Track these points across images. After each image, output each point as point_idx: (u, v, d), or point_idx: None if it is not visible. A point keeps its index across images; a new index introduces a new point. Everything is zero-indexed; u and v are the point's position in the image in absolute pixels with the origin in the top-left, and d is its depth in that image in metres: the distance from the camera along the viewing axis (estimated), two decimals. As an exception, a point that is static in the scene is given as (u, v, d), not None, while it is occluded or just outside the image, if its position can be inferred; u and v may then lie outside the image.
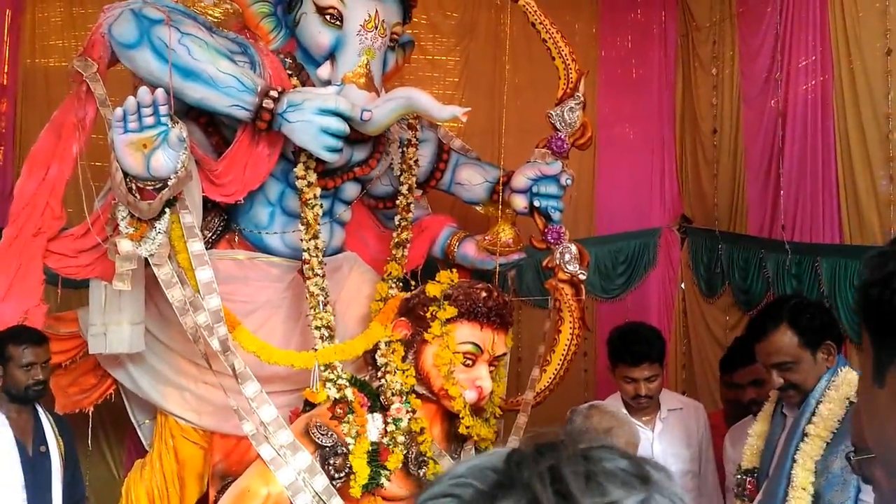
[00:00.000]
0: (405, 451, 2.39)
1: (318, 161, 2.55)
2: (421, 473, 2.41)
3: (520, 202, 2.85)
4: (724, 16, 3.63)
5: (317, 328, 2.49)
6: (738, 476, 2.27)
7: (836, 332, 2.17)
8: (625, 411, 2.61)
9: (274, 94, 2.41)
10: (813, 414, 2.05)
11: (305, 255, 2.55)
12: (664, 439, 2.64)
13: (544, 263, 2.86)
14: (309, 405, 2.46)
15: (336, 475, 2.28)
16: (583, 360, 3.03)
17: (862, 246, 2.67)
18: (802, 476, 2.00)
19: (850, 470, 1.92)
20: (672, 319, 3.91)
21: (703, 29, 3.81)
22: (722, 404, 2.96)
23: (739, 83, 3.52)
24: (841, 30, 2.81)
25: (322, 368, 2.43)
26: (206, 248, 2.44)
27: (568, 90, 2.81)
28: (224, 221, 2.76)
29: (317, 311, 2.49)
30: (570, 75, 2.80)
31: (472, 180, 3.16)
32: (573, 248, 2.78)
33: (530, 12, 2.81)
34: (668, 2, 4.02)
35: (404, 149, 2.97)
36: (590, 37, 3.99)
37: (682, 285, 3.95)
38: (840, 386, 2.05)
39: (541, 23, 2.81)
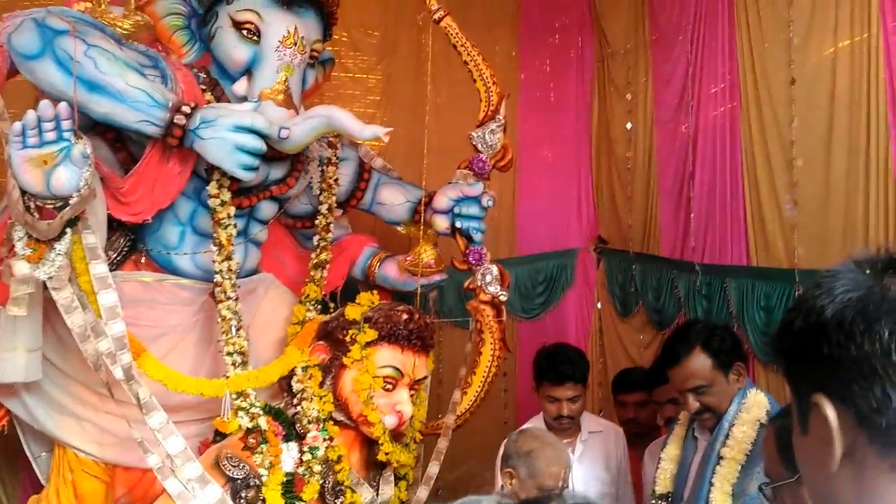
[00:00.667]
0: (322, 481, 2.32)
1: (233, 179, 2.46)
2: (338, 503, 2.34)
3: (441, 223, 2.84)
4: (639, 43, 3.75)
5: (229, 354, 2.38)
6: (654, 502, 2.31)
7: (744, 354, 2.25)
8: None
9: (186, 109, 2.31)
10: (727, 437, 2.11)
11: (218, 277, 2.45)
12: (584, 461, 2.67)
13: (465, 285, 2.85)
14: (220, 435, 2.35)
15: None
16: (503, 380, 3.03)
17: (768, 268, 2.78)
18: (720, 499, 2.05)
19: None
20: (589, 338, 3.99)
21: (619, 55, 3.92)
22: (620, 425, 3.03)
23: (653, 108, 3.64)
24: (748, 59, 2.94)
25: (234, 396, 2.33)
26: (111, 270, 2.31)
27: (489, 112, 2.82)
28: (130, 241, 2.62)
29: (229, 336, 2.39)
30: (492, 97, 2.82)
31: (394, 200, 3.12)
32: (494, 269, 2.78)
33: (451, 34, 2.81)
34: (585, 27, 4.12)
35: (324, 167, 2.90)
36: (511, 59, 4.04)
37: (599, 305, 4.03)
38: (750, 408, 2.12)
39: (462, 44, 2.82)
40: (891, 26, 2.30)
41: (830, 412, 0.72)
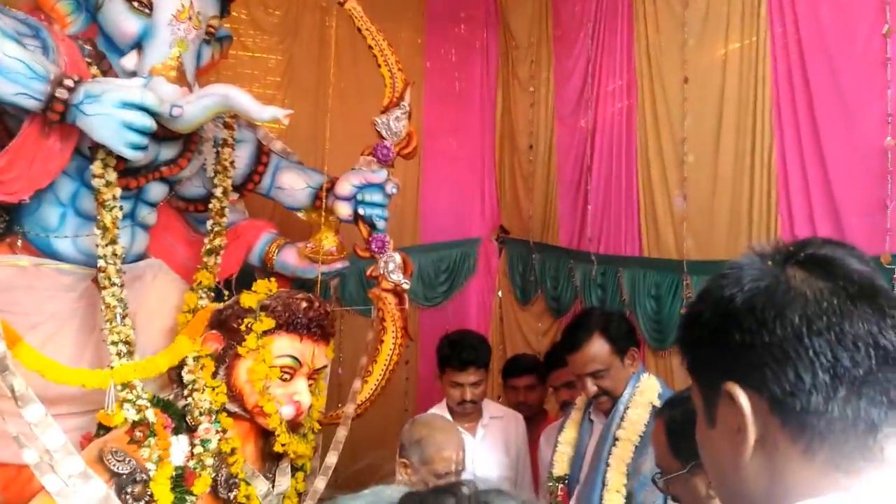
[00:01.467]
0: (214, 474, 2.24)
1: (119, 158, 2.32)
2: (231, 496, 2.27)
3: (344, 210, 2.79)
4: (542, 38, 3.82)
5: (113, 343, 2.25)
6: (550, 484, 2.37)
7: (637, 340, 2.34)
8: (450, 419, 2.64)
9: (69, 83, 2.15)
10: (622, 419, 2.19)
11: (101, 263, 2.30)
12: (485, 445, 2.70)
13: (368, 272, 2.81)
14: (103, 429, 2.22)
15: None
16: (404, 368, 3.03)
17: (658, 259, 2.90)
18: (615, 478, 2.12)
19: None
20: (490, 325, 4.04)
21: (522, 48, 3.98)
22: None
23: (554, 102, 3.71)
24: (645, 58, 3.04)
25: (119, 388, 2.20)
26: (-19, 254, 2.13)
27: (394, 99, 2.79)
28: (5, 223, 2.43)
29: (113, 324, 2.26)
30: (396, 84, 2.78)
31: (294, 185, 3.03)
32: (397, 257, 2.76)
33: (356, 17, 2.76)
34: (491, 19, 4.15)
35: (219, 149, 2.78)
36: (416, 47, 4.02)
37: (500, 293, 4.09)
38: (644, 391, 2.22)
39: (367, 29, 2.77)
40: (778, 31, 2.42)
41: (743, 399, 0.73)
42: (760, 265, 0.76)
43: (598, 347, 2.23)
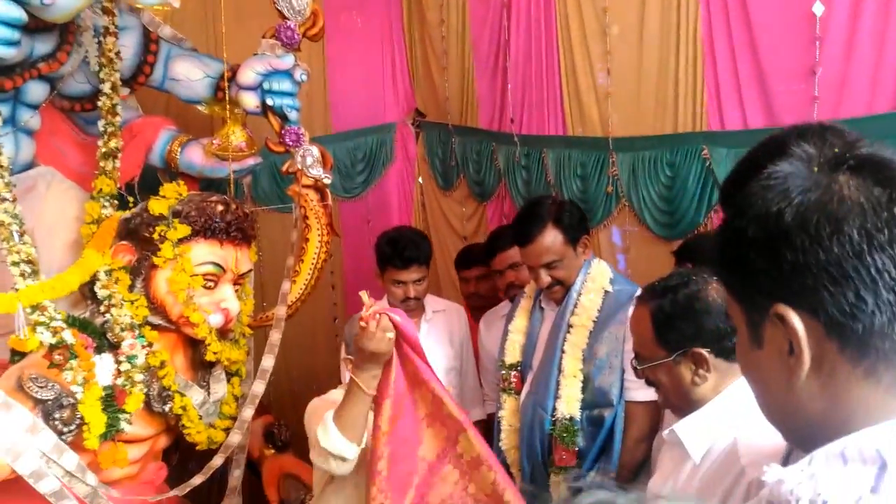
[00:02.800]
0: (146, 389, 2.15)
1: (-13, 57, 2.04)
2: (167, 409, 2.20)
3: (250, 101, 2.59)
4: None
5: (14, 264, 2.05)
6: (504, 371, 2.39)
7: (587, 227, 2.33)
8: None
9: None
10: (575, 306, 2.21)
11: (-15, 177, 2.06)
12: (430, 339, 2.70)
13: (284, 168, 2.65)
14: (17, 355, 2.07)
15: (65, 429, 1.97)
16: (329, 263, 2.92)
17: (583, 137, 2.86)
18: (572, 364, 2.16)
19: (615, 355, 2.12)
20: (412, 214, 3.97)
21: None
22: (463, 300, 3.10)
23: (465, -29, 3.49)
24: (563, -81, 2.86)
25: (29, 311, 2.03)
26: None
27: (295, -28, 2.54)
28: None
29: (11, 243, 2.05)
30: (296, -44, 2.52)
31: (191, 75, 2.78)
32: (315, 150, 2.61)
33: None
34: None
35: (101, 38, 2.49)
36: None
37: (420, 179, 4.00)
38: (595, 277, 2.24)
39: None
40: None
41: (797, 322, 0.67)
42: (806, 173, 0.69)
43: (551, 239, 2.19)
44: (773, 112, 2.21)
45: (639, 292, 2.19)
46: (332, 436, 1.84)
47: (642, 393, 2.03)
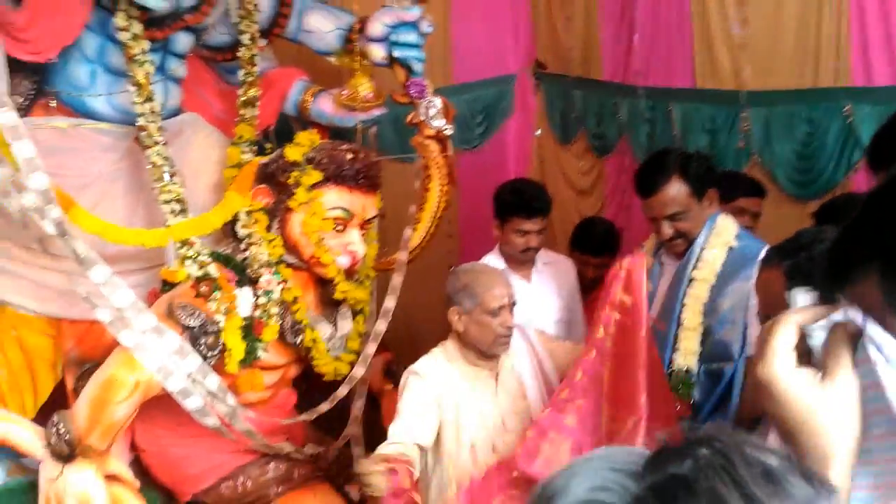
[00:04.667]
0: (280, 322, 2.31)
1: (141, 8, 2.20)
2: (298, 341, 2.36)
3: (378, 52, 2.65)
4: None
5: (166, 202, 2.24)
6: None
7: (717, 180, 2.26)
8: (504, 265, 2.69)
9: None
10: (698, 259, 2.18)
11: (141, 121, 2.24)
12: (539, 290, 2.75)
13: (409, 119, 2.72)
14: (168, 285, 2.27)
15: (209, 354, 2.16)
16: (447, 212, 2.99)
17: (714, 90, 2.76)
18: (692, 318, 2.15)
19: (739, 309, 2.08)
20: (529, 167, 3.97)
21: None
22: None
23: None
24: None
25: (178, 245, 2.23)
26: (20, 117, 2.07)
27: (418, -76, 2.56)
28: (36, 84, 2.34)
29: (163, 183, 2.24)
30: None
31: (322, 27, 2.86)
32: (438, 101, 2.65)
33: None
34: None
35: (240, -9, 2.61)
36: None
37: (538, 132, 3.97)
38: (720, 232, 2.19)
39: None
40: None
41: None
42: None
43: (675, 190, 2.15)
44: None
45: (766, 249, 2.14)
46: None
47: None
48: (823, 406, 0.68)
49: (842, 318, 0.70)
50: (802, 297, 0.77)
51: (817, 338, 0.72)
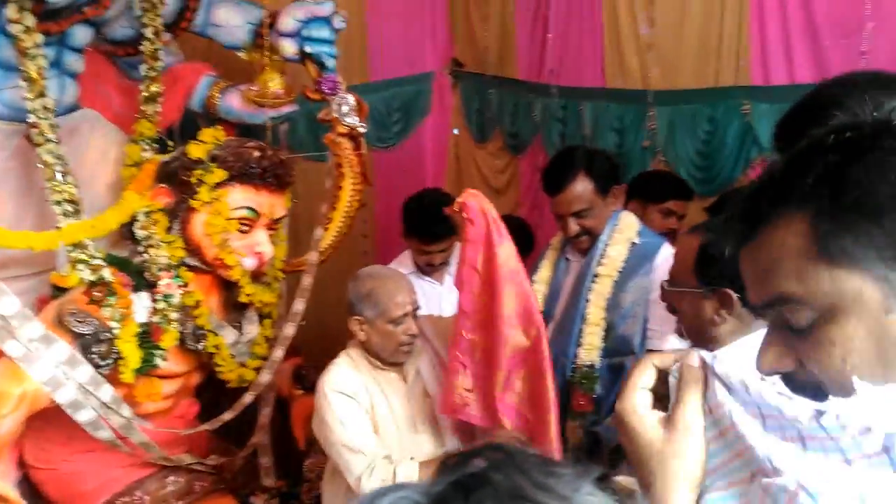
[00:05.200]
0: (180, 328, 2.22)
1: (36, 0, 2.07)
2: (200, 347, 2.27)
3: (289, 48, 2.59)
4: None
5: (57, 203, 2.12)
6: None
7: (619, 177, 2.31)
8: (413, 269, 2.66)
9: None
10: (602, 256, 2.21)
11: (32, 117, 2.11)
12: (453, 290, 2.72)
13: (320, 116, 2.66)
14: (58, 290, 2.15)
15: (102, 363, 2.06)
16: (362, 211, 2.94)
17: (622, 90, 2.81)
18: (595, 313, 2.18)
19: (639, 304, 2.14)
20: (446, 166, 3.96)
21: None
22: None
23: (507, -82, 3.40)
24: None
25: (70, 248, 2.11)
26: None
27: (330, -83, 2.51)
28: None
29: (54, 183, 2.11)
30: None
31: (231, 21, 2.78)
32: (351, 98, 2.61)
33: None
34: None
35: (144, -17, 2.50)
36: None
37: (455, 131, 3.97)
38: (623, 229, 2.23)
39: None
40: None
41: None
42: None
43: (581, 187, 2.19)
44: (823, 67, 2.14)
45: (665, 246, 2.19)
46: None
47: (663, 342, 2.06)
48: (661, 451, 0.71)
49: (696, 362, 0.72)
50: (673, 342, 0.79)
51: (672, 381, 0.74)
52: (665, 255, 2.14)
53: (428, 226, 2.61)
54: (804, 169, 0.64)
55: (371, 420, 2.08)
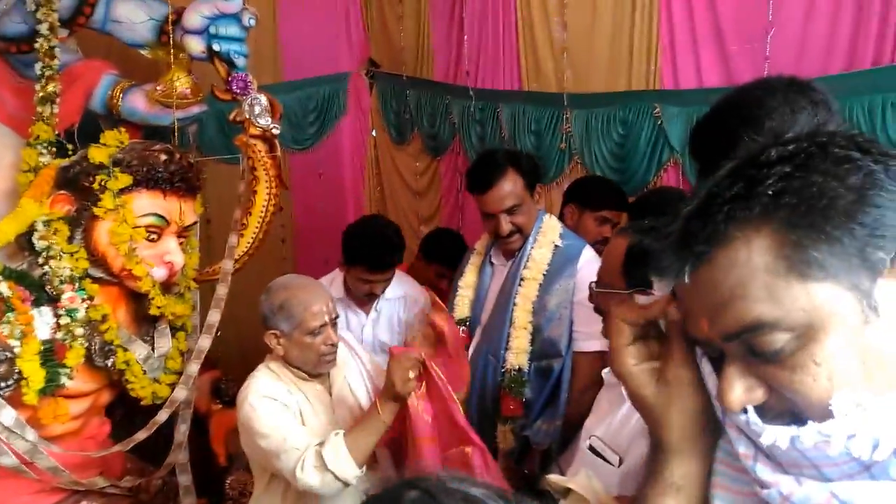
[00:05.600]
0: (86, 344, 2.09)
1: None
2: (109, 364, 2.15)
3: (196, 45, 2.49)
4: None
5: (-56, 213, 1.96)
6: None
7: (541, 177, 2.34)
8: (343, 294, 2.60)
9: None
10: (527, 259, 2.22)
11: (-89, 121, 1.95)
12: (376, 326, 2.68)
13: (231, 117, 2.57)
14: (-52, 309, 1.99)
15: (2, 384, 1.91)
16: (280, 215, 2.85)
17: (538, 93, 2.84)
18: (522, 317, 2.19)
19: (564, 306, 2.16)
20: (364, 168, 3.91)
21: None
22: None
23: (421, -83, 3.38)
24: None
25: (-40, 262, 1.95)
26: None
27: None
28: None
29: (-61, 191, 1.95)
30: None
31: (133, 17, 2.66)
32: (263, 99, 2.53)
33: None
34: None
35: (37, -25, 2.36)
36: None
37: (374, 132, 3.92)
38: (546, 231, 2.26)
39: None
40: None
41: None
42: None
43: (512, 182, 2.20)
44: (730, 71, 2.22)
45: (587, 248, 2.22)
46: (343, 460, 1.83)
47: (588, 343, 2.09)
48: (657, 405, 0.74)
49: (675, 315, 0.71)
50: (642, 299, 0.80)
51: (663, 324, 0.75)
52: (587, 258, 2.18)
53: (379, 255, 2.52)
54: (756, 182, 0.61)
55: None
